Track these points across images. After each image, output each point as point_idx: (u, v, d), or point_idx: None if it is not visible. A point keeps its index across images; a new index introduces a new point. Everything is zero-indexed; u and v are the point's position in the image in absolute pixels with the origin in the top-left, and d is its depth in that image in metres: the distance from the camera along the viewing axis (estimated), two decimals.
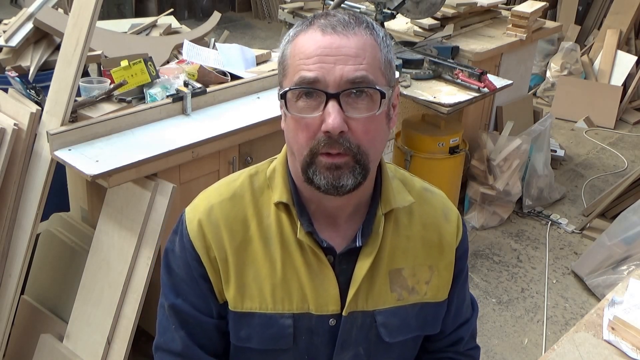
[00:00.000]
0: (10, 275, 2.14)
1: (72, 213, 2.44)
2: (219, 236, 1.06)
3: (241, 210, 1.07)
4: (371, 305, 1.08)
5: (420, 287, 1.12)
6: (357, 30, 0.97)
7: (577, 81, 5.15)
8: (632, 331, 1.53)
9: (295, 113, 0.97)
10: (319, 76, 0.94)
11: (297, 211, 1.05)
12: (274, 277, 1.05)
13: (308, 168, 0.98)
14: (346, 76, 0.94)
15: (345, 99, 0.95)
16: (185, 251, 1.08)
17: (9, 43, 2.73)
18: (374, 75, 0.96)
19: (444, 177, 3.27)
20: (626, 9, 5.28)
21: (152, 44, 3.00)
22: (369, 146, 0.98)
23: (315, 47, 0.96)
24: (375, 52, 0.98)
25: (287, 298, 1.06)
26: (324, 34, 0.96)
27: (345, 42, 0.95)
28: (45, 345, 2.17)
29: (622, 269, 3.02)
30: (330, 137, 0.95)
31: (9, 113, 2.15)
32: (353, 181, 0.98)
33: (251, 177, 1.10)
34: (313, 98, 0.96)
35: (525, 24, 3.62)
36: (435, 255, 1.13)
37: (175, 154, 2.08)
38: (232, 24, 6.95)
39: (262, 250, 1.06)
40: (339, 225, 1.07)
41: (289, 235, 1.05)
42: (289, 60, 1.00)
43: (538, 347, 2.80)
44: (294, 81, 0.96)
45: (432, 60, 3.10)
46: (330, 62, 0.94)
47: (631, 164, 4.46)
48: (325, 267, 1.05)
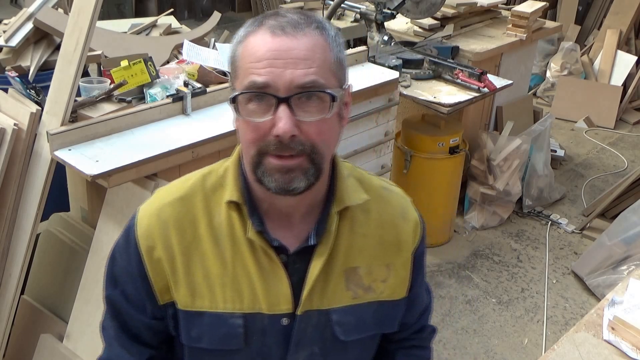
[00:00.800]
0: (10, 275, 2.14)
1: (72, 213, 2.44)
2: (167, 236, 1.06)
3: (191, 210, 1.07)
4: (326, 303, 1.08)
5: (377, 286, 1.12)
6: (307, 31, 0.96)
7: (577, 81, 5.15)
8: (632, 331, 1.53)
9: (246, 116, 0.97)
10: (269, 80, 0.94)
11: (248, 210, 1.04)
12: (224, 276, 1.05)
13: (257, 168, 0.98)
14: (296, 81, 0.94)
15: (295, 103, 0.94)
16: (129, 247, 1.08)
17: (9, 43, 2.73)
18: (324, 77, 0.96)
19: (444, 177, 3.28)
20: (626, 9, 5.28)
21: (152, 44, 3.00)
22: (322, 146, 0.98)
23: (265, 49, 0.95)
24: (326, 53, 0.97)
25: (237, 297, 1.05)
26: (274, 36, 0.95)
27: (295, 45, 0.94)
28: (45, 345, 2.17)
29: (622, 269, 3.03)
30: (280, 142, 0.94)
31: (9, 113, 2.15)
32: (305, 183, 0.97)
33: (204, 177, 1.10)
34: (263, 102, 0.95)
35: (525, 24, 3.62)
36: (392, 254, 1.13)
37: (175, 154, 2.08)
38: (232, 24, 6.94)
39: (212, 250, 1.05)
40: (293, 224, 1.07)
41: (240, 234, 1.05)
42: (239, 62, 0.99)
43: (538, 347, 2.80)
44: (245, 85, 0.96)
45: (432, 60, 3.10)
46: (280, 66, 0.94)
47: (631, 164, 4.46)
48: (277, 266, 1.05)
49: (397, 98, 2.80)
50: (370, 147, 2.76)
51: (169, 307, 1.08)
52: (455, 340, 2.82)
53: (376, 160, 2.84)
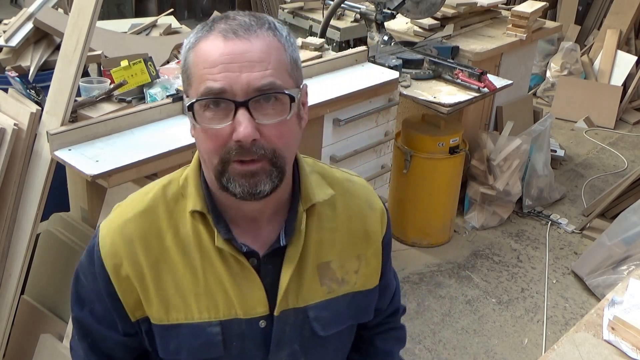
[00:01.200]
0: (10, 275, 2.14)
1: (72, 213, 2.44)
2: (133, 252, 1.04)
3: (155, 223, 1.05)
4: (302, 301, 1.08)
5: (350, 278, 1.12)
6: (259, 32, 0.94)
7: (577, 81, 5.15)
8: (632, 331, 1.53)
9: (204, 124, 0.95)
10: (225, 86, 0.92)
11: (213, 219, 1.03)
12: (197, 287, 1.04)
13: (221, 176, 0.96)
14: (253, 84, 0.92)
15: (254, 106, 0.93)
16: (95, 267, 1.06)
17: (9, 43, 2.73)
18: (281, 79, 0.95)
19: (444, 177, 3.28)
20: (626, 9, 5.28)
21: (152, 44, 3.00)
22: (284, 149, 0.97)
23: (218, 54, 0.93)
24: (280, 54, 0.96)
25: (212, 306, 1.04)
26: (226, 40, 0.93)
27: (249, 47, 0.93)
28: (45, 345, 2.17)
29: (622, 269, 3.03)
30: (241, 147, 0.93)
31: (9, 113, 2.15)
32: (270, 186, 0.97)
33: (164, 188, 1.08)
34: (221, 107, 0.93)
35: (525, 24, 3.62)
36: (361, 245, 1.14)
37: (175, 154, 2.08)
38: None
39: (182, 261, 1.04)
40: (261, 227, 1.06)
41: (207, 243, 1.03)
42: (192, 68, 0.96)
43: (538, 347, 2.80)
44: (200, 92, 0.94)
45: (432, 60, 3.10)
46: (236, 70, 0.92)
47: (631, 164, 4.46)
48: (248, 271, 1.04)
49: (397, 98, 2.80)
50: (370, 147, 2.76)
51: (142, 323, 1.07)
52: (455, 340, 2.82)
53: (376, 160, 2.84)
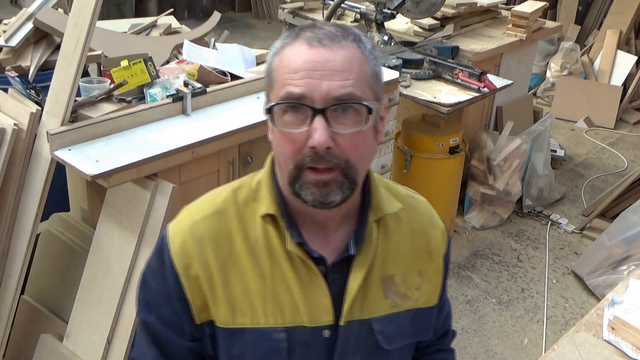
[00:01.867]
0: (10, 275, 2.14)
1: (72, 213, 2.44)
2: (203, 253, 1.04)
3: (225, 225, 1.06)
4: (367, 313, 1.07)
5: (412, 294, 1.12)
6: (343, 43, 0.96)
7: (577, 81, 5.15)
8: (632, 331, 1.53)
9: (282, 127, 0.96)
10: (306, 92, 0.93)
11: (285, 222, 1.04)
12: (265, 291, 1.04)
13: (294, 182, 0.97)
14: (332, 92, 0.93)
15: (331, 115, 0.94)
16: (165, 268, 1.05)
17: (9, 43, 2.73)
18: (360, 90, 0.95)
19: (444, 177, 3.27)
20: (626, 9, 5.28)
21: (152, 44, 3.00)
22: (357, 160, 0.97)
23: (301, 61, 0.95)
24: (362, 66, 0.97)
25: (278, 311, 1.04)
26: (311, 48, 0.95)
27: (332, 56, 0.94)
28: (45, 345, 2.17)
29: (622, 269, 3.03)
30: (316, 153, 0.94)
31: (9, 113, 2.15)
32: (341, 197, 0.97)
33: (235, 191, 1.09)
34: (299, 113, 0.95)
35: (525, 24, 3.62)
36: (424, 261, 1.14)
37: (175, 154, 2.08)
38: (232, 24, 6.95)
39: (250, 264, 1.04)
40: (329, 235, 1.06)
41: (277, 247, 1.04)
42: (275, 73, 0.99)
43: (538, 347, 2.80)
44: (280, 96, 0.96)
45: (432, 60, 3.10)
46: (317, 78, 0.93)
47: (631, 164, 4.46)
48: (317, 277, 1.04)
49: (397, 98, 2.80)
50: None
51: (206, 326, 1.06)
52: (455, 340, 2.81)
53: (376, 160, 2.84)
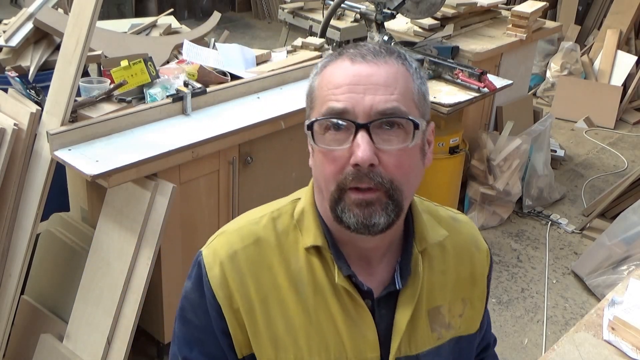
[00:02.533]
0: (10, 275, 2.14)
1: (72, 213, 2.44)
2: (244, 285, 0.98)
3: (266, 256, 1.00)
4: (414, 349, 1.02)
5: (455, 322, 1.07)
6: (387, 59, 0.92)
7: (577, 81, 5.15)
8: (632, 331, 1.53)
9: (323, 145, 0.91)
10: (348, 107, 0.89)
11: (333, 254, 0.98)
12: (309, 326, 0.98)
13: (336, 205, 0.92)
14: (376, 107, 0.89)
15: (375, 131, 0.89)
16: (206, 300, 0.99)
17: (9, 43, 2.73)
18: (406, 106, 0.91)
19: (444, 177, 3.27)
20: (626, 9, 5.28)
21: (152, 44, 3.00)
22: (402, 181, 0.91)
23: (344, 76, 0.91)
24: (408, 82, 0.93)
25: (323, 348, 0.98)
26: (354, 63, 0.92)
27: (375, 70, 0.91)
28: (45, 345, 2.17)
29: (622, 269, 3.02)
30: (359, 171, 0.88)
31: (9, 113, 2.15)
32: (386, 220, 0.91)
33: (274, 221, 1.03)
34: (342, 130, 0.90)
35: (525, 24, 3.62)
36: (467, 287, 1.09)
37: (175, 154, 2.08)
38: (232, 24, 6.95)
39: (293, 298, 0.98)
40: (373, 267, 1.01)
41: (322, 280, 0.98)
42: (316, 91, 0.95)
43: (538, 347, 2.80)
44: (322, 112, 0.92)
45: (432, 60, 3.10)
46: (360, 92, 0.89)
47: (631, 164, 4.46)
48: (364, 312, 0.99)
49: None
50: None
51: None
52: None
53: None
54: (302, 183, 1.07)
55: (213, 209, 2.35)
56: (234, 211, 2.40)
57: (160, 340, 2.37)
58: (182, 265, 2.28)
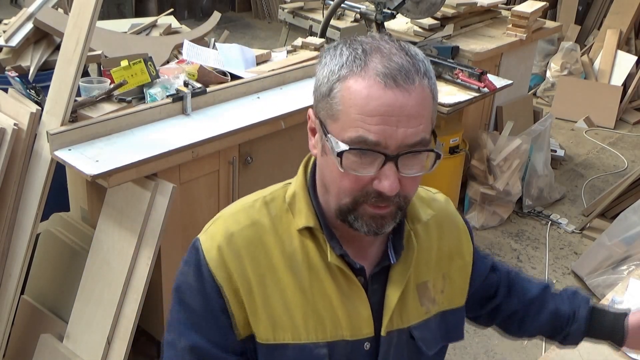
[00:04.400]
0: (10, 275, 2.14)
1: (72, 213, 2.44)
2: (242, 265, 1.00)
3: (261, 238, 1.02)
4: (405, 321, 1.07)
5: (438, 297, 1.12)
6: (416, 80, 0.90)
7: (577, 81, 5.15)
8: None
9: (350, 170, 0.92)
10: (381, 139, 0.89)
11: (326, 235, 1.01)
12: (305, 306, 1.01)
13: (348, 214, 0.96)
14: (407, 140, 0.90)
15: (402, 161, 0.92)
16: (204, 282, 1.00)
17: (9, 43, 2.73)
18: (428, 133, 0.94)
19: (444, 177, 3.27)
20: (626, 9, 5.28)
21: (152, 44, 3.00)
22: (413, 195, 0.99)
23: (376, 104, 0.89)
24: (431, 107, 0.94)
25: (320, 326, 1.01)
26: (386, 88, 0.89)
27: (407, 100, 0.89)
28: (45, 345, 2.17)
29: (622, 269, 3.02)
30: (381, 195, 0.92)
31: (9, 113, 2.15)
32: (393, 225, 0.98)
33: (267, 205, 1.05)
34: (369, 156, 0.91)
35: (525, 24, 3.62)
36: (446, 264, 1.13)
37: (175, 154, 2.08)
38: (232, 24, 6.95)
39: (290, 279, 1.01)
40: (365, 245, 1.05)
41: (317, 260, 1.01)
42: (342, 105, 0.91)
43: (538, 347, 2.80)
44: (352, 138, 0.90)
45: (432, 60, 3.10)
46: (393, 125, 0.89)
47: (631, 164, 4.46)
48: (358, 289, 1.02)
49: None
50: None
51: (248, 341, 1.02)
52: None
53: None
54: None
55: (213, 209, 2.35)
56: None
57: (161, 340, 2.37)
58: None
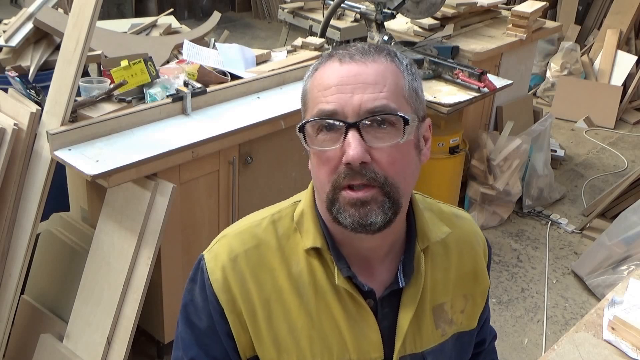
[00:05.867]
0: (10, 275, 2.14)
1: (72, 213, 2.44)
2: (246, 289, 0.98)
3: (267, 260, 1.00)
4: (419, 346, 1.03)
5: (457, 317, 1.08)
6: (376, 57, 0.93)
7: (577, 81, 5.15)
8: (632, 331, 1.52)
9: (315, 147, 0.93)
10: (337, 107, 0.90)
11: (333, 256, 0.98)
12: (311, 329, 0.98)
13: (332, 206, 0.92)
14: (365, 105, 0.89)
15: (366, 129, 0.90)
16: (209, 304, 1.00)
17: (9, 43, 2.73)
18: (396, 103, 0.91)
19: (444, 177, 3.27)
20: (626, 9, 5.28)
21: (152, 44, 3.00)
22: (397, 178, 0.91)
23: (332, 77, 0.92)
24: (398, 79, 0.93)
25: (326, 350, 0.99)
26: (342, 64, 0.93)
27: (364, 70, 0.91)
28: (45, 345, 2.17)
29: (622, 269, 3.02)
30: (351, 169, 0.89)
31: (9, 113, 2.15)
32: (383, 218, 0.91)
33: (274, 223, 1.03)
34: (333, 131, 0.91)
35: (525, 24, 3.62)
36: (469, 284, 1.10)
37: (175, 154, 2.08)
38: (232, 24, 6.95)
39: (295, 301, 0.99)
40: (374, 267, 1.01)
41: (323, 282, 0.99)
42: (308, 94, 0.96)
43: (538, 347, 2.80)
44: (313, 114, 0.93)
45: (432, 60, 3.10)
46: (348, 92, 0.90)
47: (631, 164, 4.46)
48: (366, 312, 0.99)
49: None
50: None
51: None
52: None
53: None
54: (301, 183, 1.07)
55: (213, 209, 2.35)
56: (234, 211, 2.40)
57: (160, 340, 2.37)
58: (182, 265, 2.28)
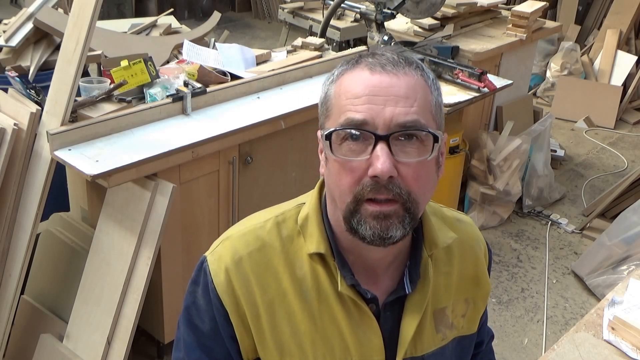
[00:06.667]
0: (10, 275, 2.14)
1: (72, 213, 2.44)
2: (250, 291, 0.98)
3: (271, 262, 0.99)
4: (419, 350, 1.03)
5: (458, 321, 1.08)
6: (407, 70, 0.91)
7: (577, 81, 5.15)
8: (632, 331, 1.52)
9: (340, 156, 0.90)
10: (368, 118, 0.88)
11: (337, 263, 0.98)
12: (314, 333, 0.98)
13: (352, 217, 0.91)
14: (397, 119, 0.88)
15: (394, 142, 0.88)
16: (212, 306, 0.99)
17: (9, 43, 2.73)
18: (424, 118, 0.90)
19: (444, 177, 3.24)
20: (626, 9, 5.28)
21: (152, 44, 3.00)
22: (419, 194, 0.91)
23: (363, 86, 0.90)
24: (427, 94, 0.92)
25: (329, 354, 0.99)
26: (373, 73, 0.90)
27: (395, 82, 0.89)
28: (45, 345, 2.17)
29: (622, 269, 3.02)
30: (377, 182, 0.87)
31: (9, 113, 2.15)
32: (402, 233, 0.91)
33: (278, 226, 1.02)
34: (360, 141, 0.89)
35: (525, 24, 3.62)
36: (471, 288, 1.10)
37: (175, 154, 2.08)
38: (232, 24, 6.95)
39: (299, 304, 0.98)
40: (378, 275, 1.01)
41: (326, 287, 0.98)
42: (333, 100, 0.94)
43: (538, 347, 2.80)
44: (340, 122, 0.90)
45: (432, 60, 3.10)
46: (380, 103, 0.88)
47: (631, 164, 4.46)
48: (368, 317, 0.99)
49: None
50: None
51: None
52: None
53: None
54: (301, 183, 1.06)
55: (213, 208, 2.35)
56: (234, 211, 2.40)
57: (160, 340, 2.37)
58: (182, 265, 2.28)
